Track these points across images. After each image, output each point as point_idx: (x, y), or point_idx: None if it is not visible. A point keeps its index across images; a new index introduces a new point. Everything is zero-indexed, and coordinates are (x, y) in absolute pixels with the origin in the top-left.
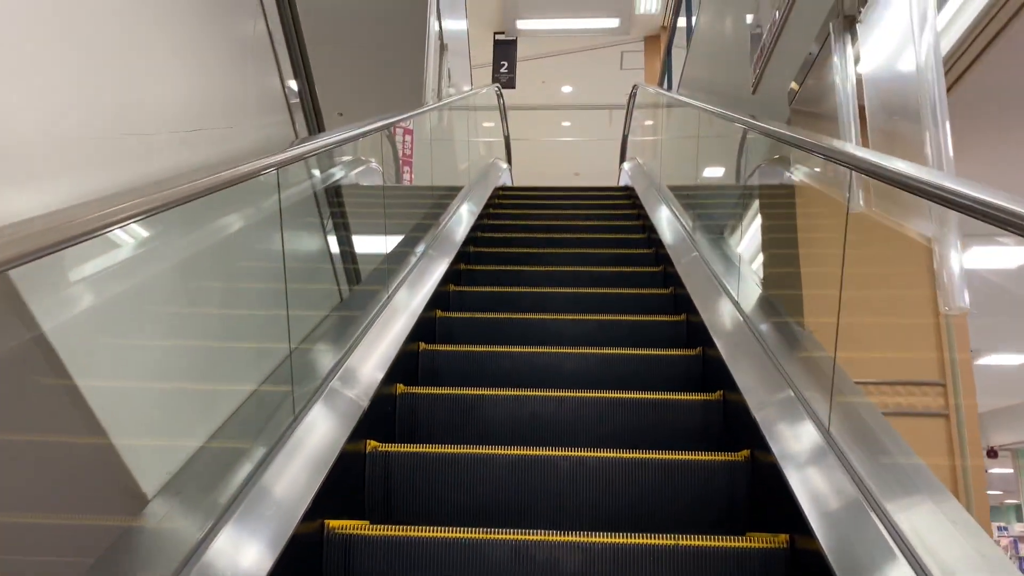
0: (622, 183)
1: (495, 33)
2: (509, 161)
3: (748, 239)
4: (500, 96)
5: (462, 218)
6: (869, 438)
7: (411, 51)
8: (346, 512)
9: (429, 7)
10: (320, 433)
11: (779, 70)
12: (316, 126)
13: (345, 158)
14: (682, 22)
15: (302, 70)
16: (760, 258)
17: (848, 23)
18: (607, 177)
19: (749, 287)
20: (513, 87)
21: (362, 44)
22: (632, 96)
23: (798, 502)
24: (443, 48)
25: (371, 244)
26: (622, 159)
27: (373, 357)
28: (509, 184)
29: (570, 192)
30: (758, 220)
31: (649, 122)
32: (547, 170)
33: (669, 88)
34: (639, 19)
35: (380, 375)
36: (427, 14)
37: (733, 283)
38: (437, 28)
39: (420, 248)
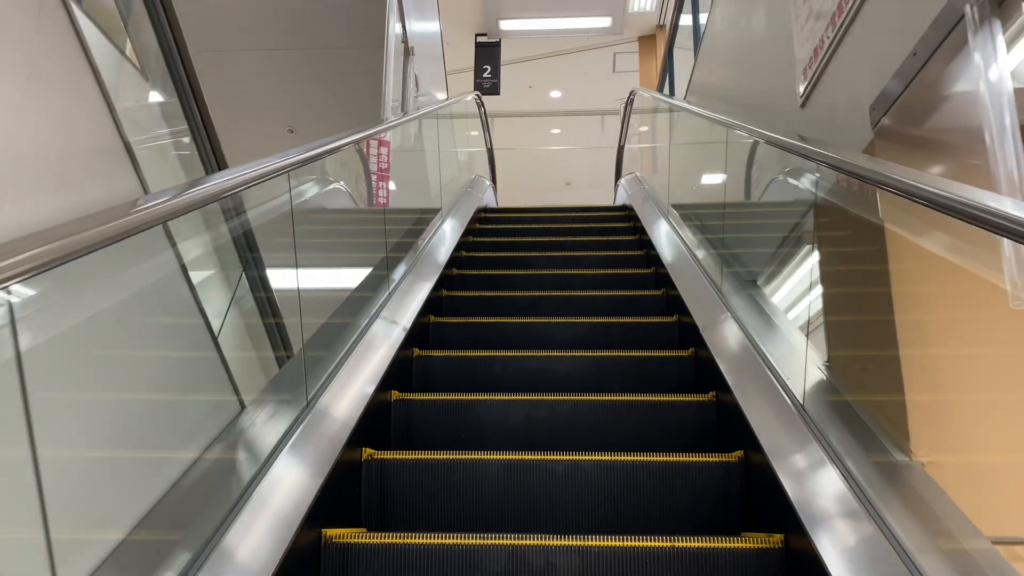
0: (619, 202)
1: (476, 35)
2: (493, 178)
3: (810, 306)
4: (481, 105)
5: (435, 255)
6: None
7: (368, 56)
8: None
9: (388, 6)
10: None
11: (850, 76)
12: (214, 161)
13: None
14: (686, 20)
15: (186, 88)
16: (827, 339)
17: (996, 3)
18: (599, 187)
19: (817, 378)
20: (497, 93)
21: (312, 49)
22: (629, 103)
23: None
24: (408, 52)
25: (287, 322)
26: (618, 174)
27: (263, 539)
28: (493, 205)
29: (561, 216)
30: (820, 278)
31: (650, 132)
32: (536, 181)
33: (671, 94)
34: (632, 18)
35: None
36: (386, 14)
37: (791, 372)
38: (399, 30)
39: (373, 308)
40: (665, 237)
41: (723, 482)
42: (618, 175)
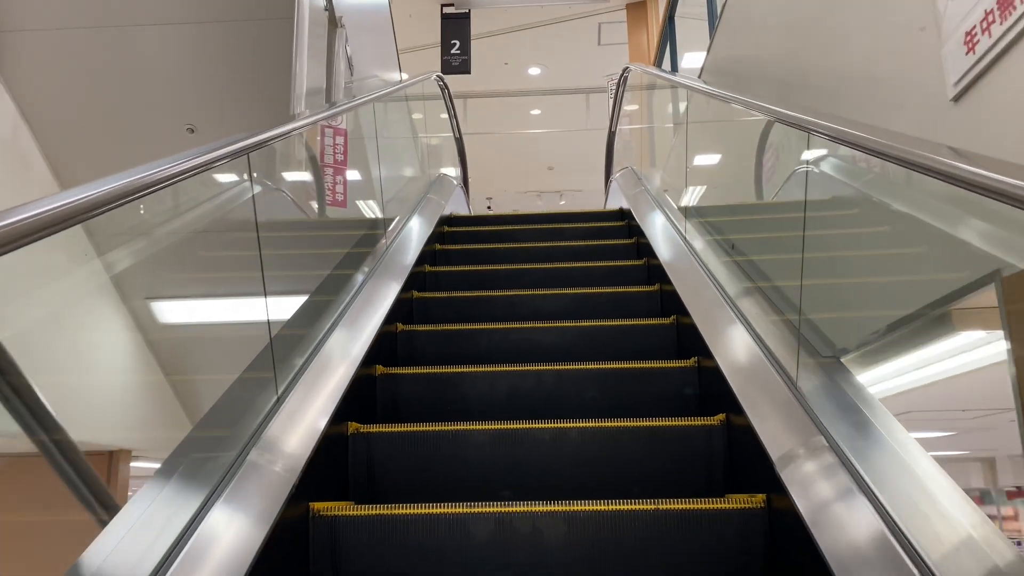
0: (614, 205)
1: (442, 5)
2: (464, 177)
3: None
4: (444, 87)
5: (384, 287)
6: None
7: (279, 31)
8: None
9: None
10: None
11: None
12: None
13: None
14: None
15: None
16: None
17: None
18: (584, 171)
19: None
20: (468, 71)
21: (207, 23)
22: (622, 82)
23: None
24: (336, 24)
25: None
26: (609, 170)
27: None
28: (463, 211)
29: (549, 231)
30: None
31: (651, 117)
32: (515, 166)
33: (673, 69)
34: None
35: None
36: None
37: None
38: (320, 0)
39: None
40: (665, 238)
41: None
42: (609, 171)
